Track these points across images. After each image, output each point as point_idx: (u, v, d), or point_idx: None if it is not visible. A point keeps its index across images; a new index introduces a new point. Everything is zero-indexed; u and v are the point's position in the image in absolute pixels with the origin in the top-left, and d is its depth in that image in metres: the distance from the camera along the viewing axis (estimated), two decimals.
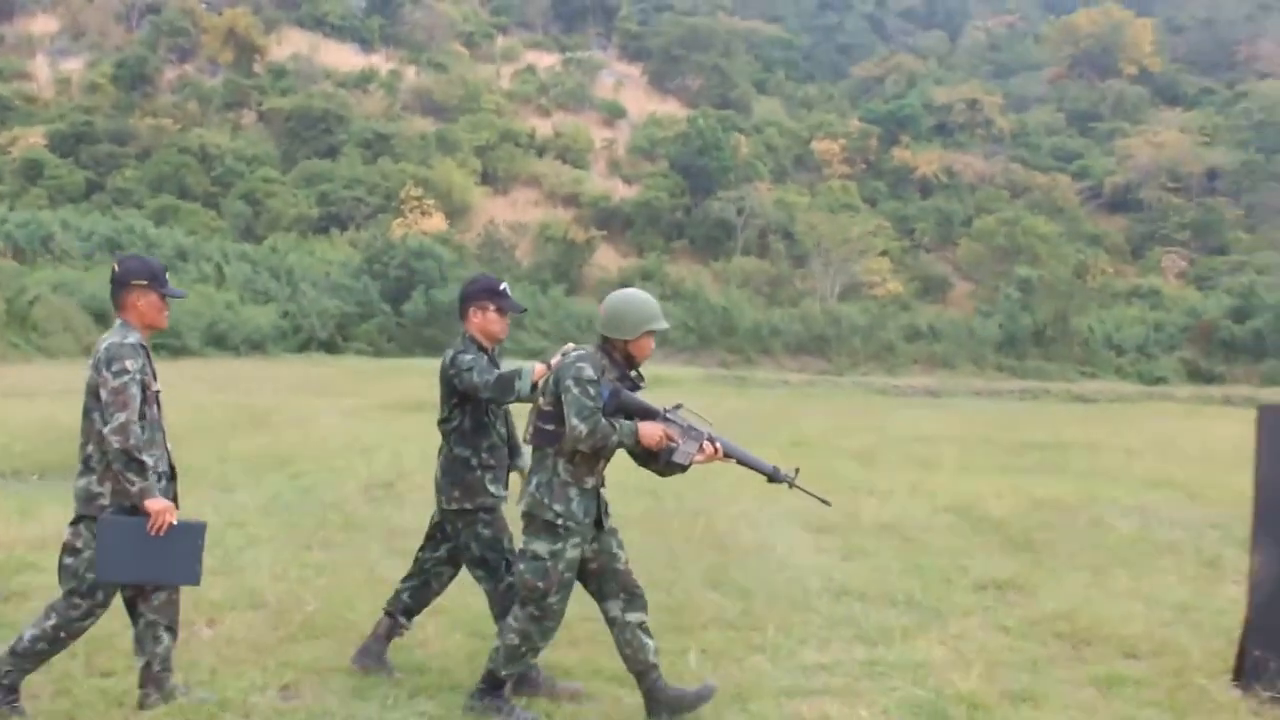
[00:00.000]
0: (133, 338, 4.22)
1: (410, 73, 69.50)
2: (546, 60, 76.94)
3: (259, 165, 57.57)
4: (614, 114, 71.65)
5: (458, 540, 4.85)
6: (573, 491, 4.31)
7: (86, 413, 4.16)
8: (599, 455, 4.34)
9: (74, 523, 4.21)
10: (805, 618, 6.08)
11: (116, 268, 4.34)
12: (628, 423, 4.29)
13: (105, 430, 4.05)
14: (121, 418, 4.04)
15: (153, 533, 4.04)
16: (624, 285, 51.42)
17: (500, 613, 4.75)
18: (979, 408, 27.41)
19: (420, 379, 26.91)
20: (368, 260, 46.97)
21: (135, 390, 4.10)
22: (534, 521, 4.35)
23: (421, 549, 5.05)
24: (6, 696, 4.19)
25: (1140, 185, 65.55)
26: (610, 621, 4.49)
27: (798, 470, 4.49)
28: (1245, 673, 5.05)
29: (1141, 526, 9.34)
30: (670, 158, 62.89)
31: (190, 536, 4.13)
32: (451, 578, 5.04)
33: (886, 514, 9.29)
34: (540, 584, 4.30)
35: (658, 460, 4.41)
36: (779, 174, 66.32)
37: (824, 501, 4.76)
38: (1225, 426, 19.52)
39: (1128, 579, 7.29)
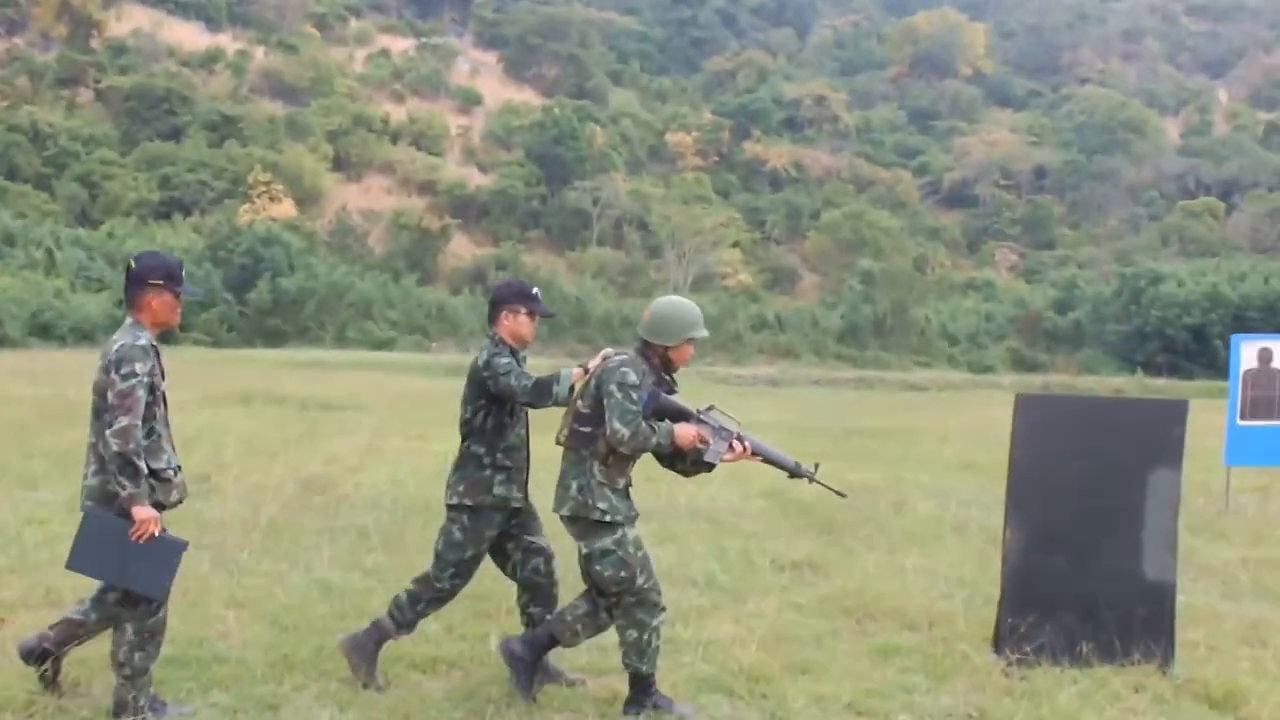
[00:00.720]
0: (143, 339, 4.22)
1: (259, 53, 67.44)
2: (400, 45, 75.70)
3: (96, 146, 55.10)
4: (469, 101, 70.97)
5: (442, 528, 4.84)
6: (607, 491, 4.49)
7: (97, 413, 4.16)
8: (635, 457, 4.52)
9: None
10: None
11: (133, 264, 4.35)
12: (664, 424, 4.46)
13: (107, 432, 4.05)
14: (124, 421, 4.03)
15: (134, 539, 4.05)
16: (478, 275, 50.65)
17: (394, 601, 4.85)
18: (816, 396, 28.37)
19: (257, 371, 26.27)
20: (211, 247, 45.54)
21: (141, 394, 4.10)
22: (582, 523, 4.50)
23: (503, 567, 4.99)
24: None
25: (976, 182, 68.67)
26: (573, 607, 4.67)
27: (817, 465, 4.76)
28: (1000, 638, 5.54)
29: (939, 507, 9.92)
30: (526, 147, 62.72)
31: (168, 551, 4.16)
32: (549, 558, 4.95)
33: (702, 499, 9.63)
34: (623, 573, 4.47)
35: (684, 460, 4.60)
36: (634, 165, 66.90)
37: (840, 494, 5.05)
38: None
39: (918, 556, 7.75)
